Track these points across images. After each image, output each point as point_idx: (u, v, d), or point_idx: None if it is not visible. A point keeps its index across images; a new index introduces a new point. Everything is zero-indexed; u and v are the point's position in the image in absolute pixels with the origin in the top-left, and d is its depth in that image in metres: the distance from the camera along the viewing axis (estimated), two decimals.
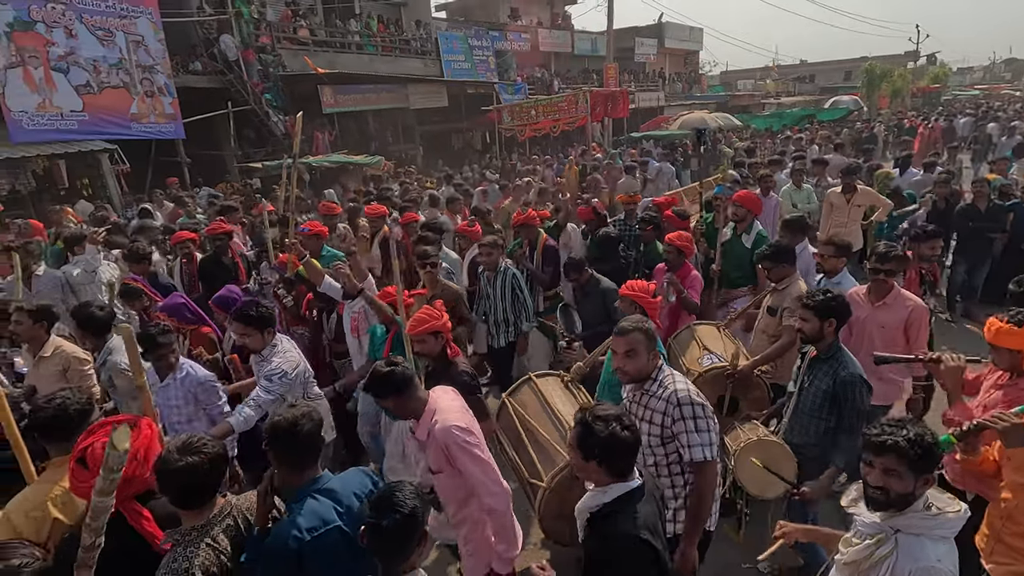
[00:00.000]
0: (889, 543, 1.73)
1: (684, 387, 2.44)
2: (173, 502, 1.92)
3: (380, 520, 1.71)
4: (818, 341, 2.86)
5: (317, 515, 1.97)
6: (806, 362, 2.98)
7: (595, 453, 1.84)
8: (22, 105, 11.02)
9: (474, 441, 2.42)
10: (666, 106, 30.09)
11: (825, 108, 25.46)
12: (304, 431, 2.00)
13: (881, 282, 3.55)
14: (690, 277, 4.44)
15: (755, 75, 48.86)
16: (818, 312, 2.80)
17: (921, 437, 1.71)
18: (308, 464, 2.07)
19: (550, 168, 13.94)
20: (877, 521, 1.77)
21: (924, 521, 1.70)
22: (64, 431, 2.23)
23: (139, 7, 12.79)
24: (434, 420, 2.42)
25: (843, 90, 35.92)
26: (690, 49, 39.46)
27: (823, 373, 2.82)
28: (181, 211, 8.87)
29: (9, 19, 10.79)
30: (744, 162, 10.58)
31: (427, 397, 2.53)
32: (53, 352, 3.63)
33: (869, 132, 18.38)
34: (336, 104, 16.37)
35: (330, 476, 2.13)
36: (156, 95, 13.20)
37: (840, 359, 2.80)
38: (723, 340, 3.85)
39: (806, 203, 7.54)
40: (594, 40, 30.78)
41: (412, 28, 21.67)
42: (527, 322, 4.68)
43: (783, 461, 2.79)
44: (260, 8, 16.07)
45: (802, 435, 2.90)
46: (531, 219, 5.43)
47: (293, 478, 2.05)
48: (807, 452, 2.84)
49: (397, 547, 1.75)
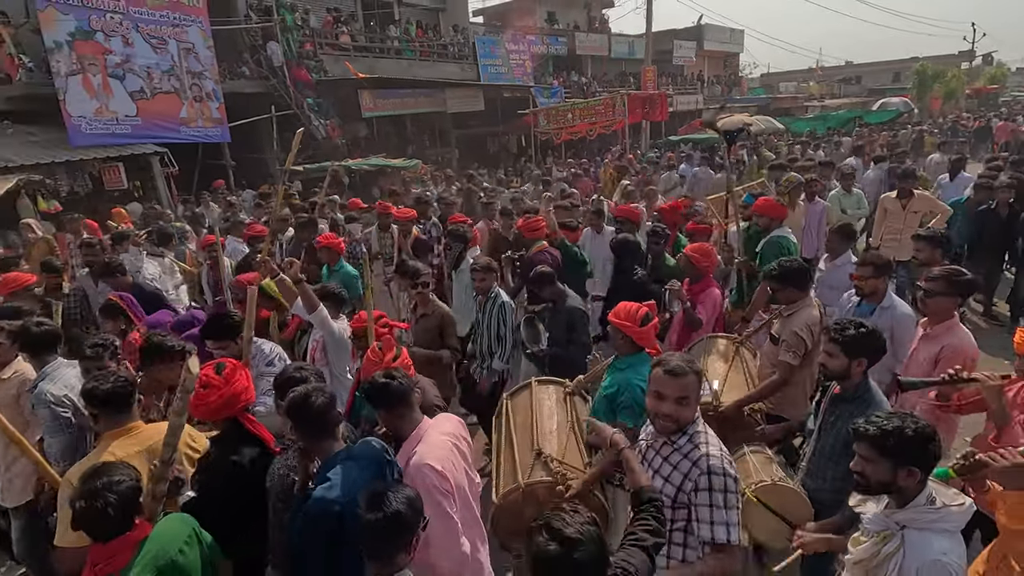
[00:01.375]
0: (895, 540, 1.72)
1: (718, 453, 2.03)
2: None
3: (365, 514, 1.78)
4: (843, 380, 2.50)
5: (351, 479, 2.10)
6: (828, 398, 2.61)
7: None
8: (81, 110, 11.57)
9: (445, 489, 2.20)
10: (704, 109, 29.54)
11: (873, 110, 24.56)
12: (317, 403, 2.13)
13: (925, 305, 3.07)
14: (705, 293, 4.08)
15: (797, 77, 47.59)
16: (847, 349, 2.41)
17: (900, 429, 1.74)
18: (329, 434, 2.21)
19: (584, 173, 13.77)
20: (883, 518, 1.76)
21: (927, 515, 1.68)
22: (118, 405, 2.46)
23: (190, 16, 13.28)
24: (414, 451, 2.28)
25: (892, 92, 34.58)
26: (730, 51, 38.70)
27: (848, 414, 2.43)
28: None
29: (71, 29, 11.35)
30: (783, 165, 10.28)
31: (419, 421, 2.39)
32: (12, 375, 3.22)
33: (919, 135, 17.64)
34: (375, 108, 16.64)
35: (354, 448, 2.28)
36: (204, 100, 13.67)
37: (869, 400, 2.44)
38: (731, 362, 3.48)
39: (856, 208, 7.25)
40: (631, 43, 30.49)
41: (450, 33, 21.89)
42: (499, 360, 4.19)
43: (797, 508, 2.51)
44: (304, 16, 16.50)
45: (820, 479, 2.58)
46: (532, 228, 5.22)
47: (319, 449, 2.19)
48: (821, 497, 2.53)
49: (380, 545, 1.79)
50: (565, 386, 3.22)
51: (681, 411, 2.05)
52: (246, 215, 8.95)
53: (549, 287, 4.12)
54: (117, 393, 2.44)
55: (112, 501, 1.82)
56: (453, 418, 2.62)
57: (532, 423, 2.92)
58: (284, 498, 2.22)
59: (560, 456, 2.66)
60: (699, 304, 4.04)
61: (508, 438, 2.96)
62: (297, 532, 2.09)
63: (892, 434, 1.74)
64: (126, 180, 11.50)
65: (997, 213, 6.10)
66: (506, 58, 21.81)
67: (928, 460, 1.75)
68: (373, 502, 1.80)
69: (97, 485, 1.84)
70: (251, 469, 2.36)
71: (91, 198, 11.56)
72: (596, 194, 9.30)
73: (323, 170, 13.05)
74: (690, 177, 11.77)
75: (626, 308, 2.93)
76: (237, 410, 2.44)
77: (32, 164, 10.06)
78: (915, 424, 1.75)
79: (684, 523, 2.05)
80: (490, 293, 4.25)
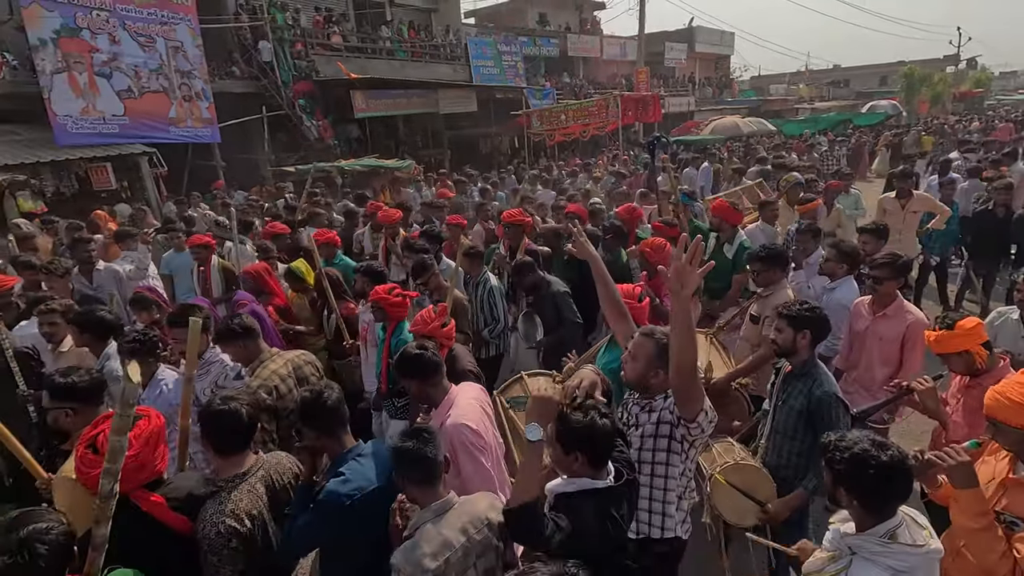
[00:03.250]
0: (842, 561, 1.73)
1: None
2: (215, 447, 2.14)
3: (401, 444, 1.94)
4: (792, 355, 2.66)
5: (362, 476, 2.14)
6: (780, 377, 2.77)
7: (575, 445, 1.86)
8: (67, 109, 11.34)
9: (481, 445, 2.38)
10: (696, 111, 29.68)
11: (862, 113, 24.80)
12: (331, 401, 2.16)
13: (875, 291, 3.38)
14: (665, 285, 4.23)
15: (787, 79, 48.01)
16: (792, 323, 2.62)
17: (803, 303, 2.63)
18: (342, 431, 2.22)
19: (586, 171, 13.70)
20: (838, 538, 1.77)
21: (874, 547, 1.66)
22: (98, 397, 2.43)
23: (178, 14, 13.08)
24: (448, 413, 2.42)
25: (880, 95, 34.98)
26: (721, 53, 38.98)
27: (797, 391, 2.63)
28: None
29: (56, 26, 11.13)
30: (783, 165, 10.29)
31: (449, 389, 2.54)
32: (69, 349, 3.55)
33: (915, 136, 17.80)
34: (368, 109, 16.50)
35: (364, 446, 2.29)
36: (193, 100, 13.47)
37: (815, 376, 2.61)
38: (708, 348, 3.69)
39: (853, 209, 7.24)
40: (623, 45, 30.58)
41: (442, 34, 21.80)
42: (487, 332, 4.49)
43: (761, 485, 2.60)
44: (294, 15, 16.34)
45: (777, 456, 2.73)
46: (517, 219, 5.35)
47: (333, 445, 2.21)
48: (783, 474, 2.66)
49: (417, 474, 1.95)
50: (555, 377, 3.33)
51: (629, 363, 2.33)
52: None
53: (530, 275, 4.32)
54: (97, 384, 2.37)
55: (42, 553, 1.56)
56: (476, 385, 2.77)
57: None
58: (216, 550, 1.95)
59: None
60: (663, 297, 4.16)
61: (514, 429, 3.08)
62: (306, 525, 2.07)
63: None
64: (114, 180, 11.31)
65: (994, 214, 6.11)
66: (498, 59, 21.76)
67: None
68: (408, 436, 1.97)
69: (21, 536, 1.57)
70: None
71: (78, 199, 11.35)
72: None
73: (318, 170, 12.95)
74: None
75: (623, 288, 3.16)
76: (132, 487, 1.95)
77: (16, 164, 9.85)
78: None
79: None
80: (479, 277, 4.56)
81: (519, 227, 5.32)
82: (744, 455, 2.73)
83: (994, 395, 1.88)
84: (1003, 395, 1.84)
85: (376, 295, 3.51)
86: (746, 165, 11.07)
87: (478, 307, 4.51)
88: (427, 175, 13.17)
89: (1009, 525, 1.82)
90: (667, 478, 2.26)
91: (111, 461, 1.78)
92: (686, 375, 2.05)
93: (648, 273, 4.26)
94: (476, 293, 4.53)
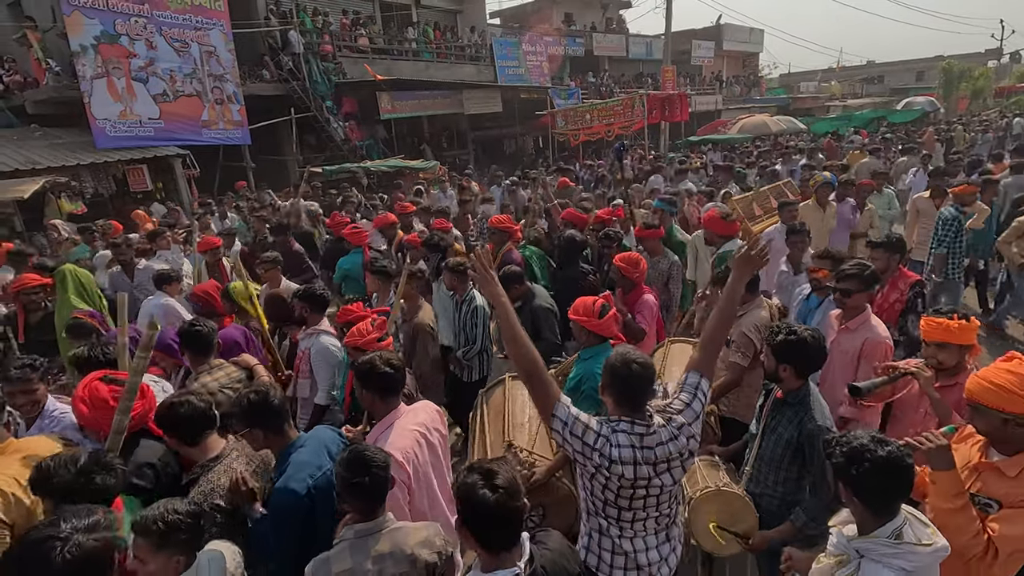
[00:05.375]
0: (851, 566, 1.72)
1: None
2: (180, 440, 2.32)
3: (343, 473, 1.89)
4: (779, 382, 2.51)
5: (310, 462, 2.24)
6: (770, 402, 2.60)
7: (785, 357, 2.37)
8: (106, 113, 11.74)
9: (401, 480, 2.23)
10: (724, 110, 29.22)
11: (897, 110, 24.05)
12: (277, 400, 2.30)
13: (841, 303, 3.22)
14: (641, 301, 3.98)
15: (818, 77, 46.90)
16: (775, 352, 2.46)
17: (791, 331, 2.43)
18: (285, 427, 2.34)
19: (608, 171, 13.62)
20: (844, 543, 1.76)
21: (883, 548, 1.66)
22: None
23: (212, 19, 13.42)
24: (383, 434, 2.39)
25: (915, 91, 33.88)
26: (749, 51, 38.27)
27: (788, 419, 2.46)
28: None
29: (96, 33, 11.53)
30: (811, 165, 10.06)
31: (395, 407, 2.47)
32: None
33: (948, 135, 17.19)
34: (393, 110, 16.68)
35: (304, 434, 2.43)
36: (225, 103, 13.80)
37: (807, 406, 2.42)
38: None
39: (887, 209, 7.03)
40: (649, 44, 30.27)
41: (467, 35, 21.90)
42: (460, 354, 4.23)
43: (743, 515, 2.46)
44: (324, 18, 16.62)
45: (762, 484, 2.58)
46: (504, 225, 5.31)
47: (278, 441, 2.32)
48: (766, 504, 2.52)
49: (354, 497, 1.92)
50: None
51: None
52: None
53: (517, 286, 4.10)
54: None
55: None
56: (431, 407, 2.66)
57: (504, 416, 3.08)
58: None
59: (530, 447, 2.86)
60: (637, 313, 3.94)
61: (482, 431, 3.12)
62: (272, 531, 2.16)
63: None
64: (150, 182, 11.67)
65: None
66: (523, 59, 21.76)
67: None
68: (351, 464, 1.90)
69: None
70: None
71: (115, 199, 11.73)
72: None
73: (343, 171, 13.16)
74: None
75: (583, 303, 3.01)
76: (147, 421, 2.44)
77: (58, 166, 10.24)
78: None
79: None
80: (465, 295, 4.27)
81: (504, 233, 5.30)
82: (727, 479, 2.60)
83: (977, 380, 1.94)
84: (986, 379, 1.91)
85: (345, 318, 3.37)
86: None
87: (460, 327, 4.25)
88: (451, 175, 13.26)
89: (983, 507, 1.92)
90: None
91: (127, 398, 2.24)
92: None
93: (624, 288, 4.04)
94: (460, 312, 4.27)
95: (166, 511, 1.77)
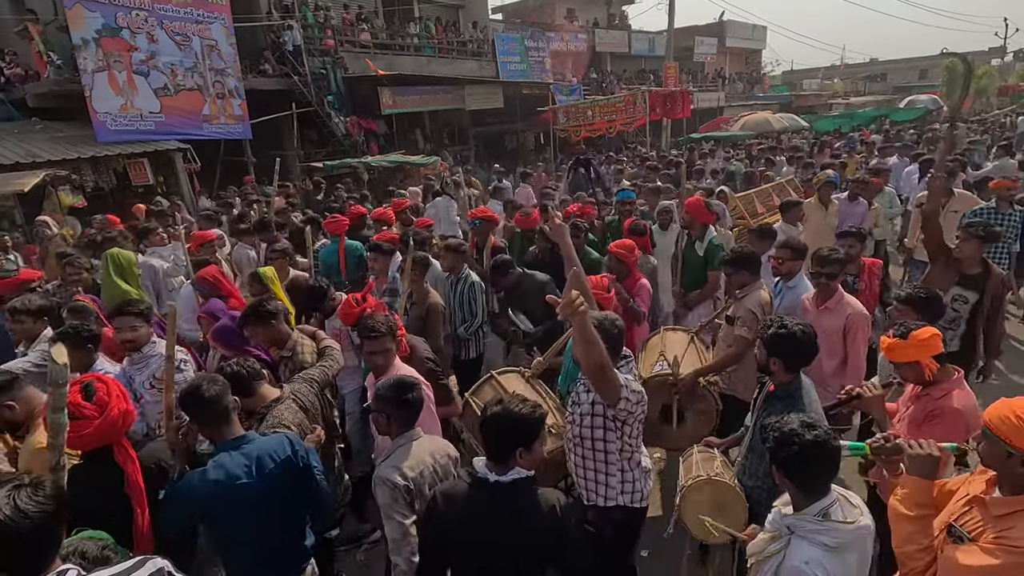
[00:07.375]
0: (781, 541, 1.82)
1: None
2: (236, 391, 2.40)
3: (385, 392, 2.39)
4: (770, 375, 2.58)
5: (225, 470, 2.15)
6: (762, 395, 2.65)
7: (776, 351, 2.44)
8: (107, 107, 11.70)
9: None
10: (726, 107, 29.15)
11: (900, 108, 23.96)
12: (208, 394, 2.20)
13: (823, 286, 3.48)
14: (638, 285, 4.30)
15: (820, 74, 46.75)
16: (767, 346, 2.53)
17: (782, 325, 2.49)
18: (221, 422, 2.25)
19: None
20: (778, 519, 1.86)
21: (809, 525, 1.76)
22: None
23: (213, 13, 13.36)
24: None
25: (919, 89, 33.75)
26: (752, 48, 38.15)
27: (777, 413, 2.40)
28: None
29: (98, 26, 11.47)
30: (812, 163, 10.02)
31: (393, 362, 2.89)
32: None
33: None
34: (395, 105, 16.63)
35: (253, 437, 2.29)
36: (226, 97, 13.75)
37: (797, 400, 2.45)
38: (687, 346, 3.75)
39: (888, 207, 7.02)
40: (651, 40, 30.18)
41: (469, 30, 21.83)
42: (463, 330, 4.46)
43: (733, 505, 2.51)
44: (325, 12, 16.56)
45: (752, 476, 2.62)
46: (487, 215, 5.46)
47: (212, 434, 2.30)
48: (756, 496, 2.54)
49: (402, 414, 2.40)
50: (523, 372, 3.50)
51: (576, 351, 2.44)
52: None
53: (510, 273, 4.35)
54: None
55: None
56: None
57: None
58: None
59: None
60: (636, 297, 4.25)
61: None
62: (164, 509, 2.18)
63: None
64: (151, 176, 11.64)
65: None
66: (525, 55, 21.68)
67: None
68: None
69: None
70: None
71: (116, 193, 11.71)
72: None
73: (344, 166, 13.12)
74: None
75: (593, 279, 3.36)
76: (115, 439, 2.20)
77: (59, 160, 10.21)
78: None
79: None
80: (460, 274, 4.50)
81: (487, 223, 5.44)
82: (720, 470, 2.63)
83: (997, 406, 1.75)
84: (1008, 407, 1.71)
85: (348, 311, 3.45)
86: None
87: (456, 304, 4.46)
88: (453, 170, 13.24)
89: (956, 539, 1.80)
90: (606, 452, 2.53)
91: (54, 437, 1.87)
92: (594, 374, 2.36)
93: (619, 275, 4.24)
94: (456, 290, 4.48)
95: None
